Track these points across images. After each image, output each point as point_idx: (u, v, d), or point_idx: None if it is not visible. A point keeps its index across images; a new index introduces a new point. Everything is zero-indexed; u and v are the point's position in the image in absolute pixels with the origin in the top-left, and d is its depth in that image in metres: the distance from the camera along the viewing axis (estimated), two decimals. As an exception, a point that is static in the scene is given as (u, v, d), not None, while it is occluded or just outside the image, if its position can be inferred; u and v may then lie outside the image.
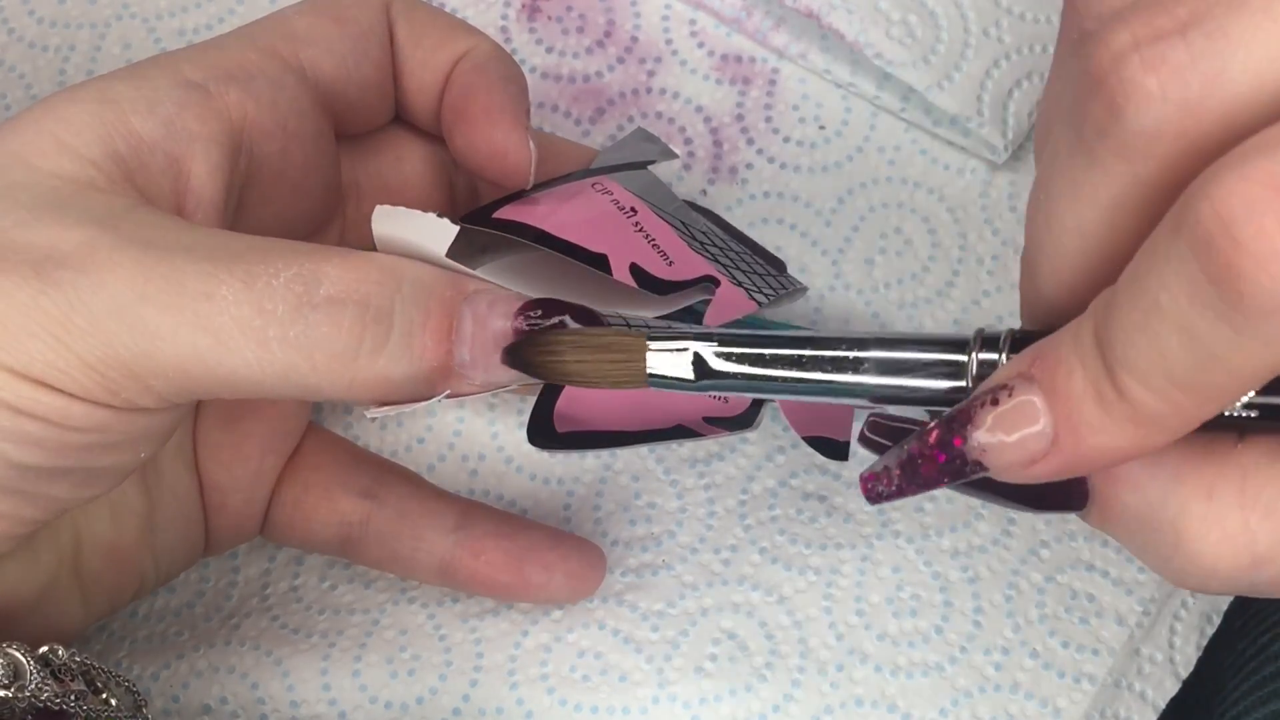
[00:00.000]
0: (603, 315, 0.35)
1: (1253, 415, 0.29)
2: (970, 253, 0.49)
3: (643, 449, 0.47)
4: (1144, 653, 0.45)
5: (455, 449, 0.48)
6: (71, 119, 0.35)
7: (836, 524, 0.46)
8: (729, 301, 0.39)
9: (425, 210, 0.36)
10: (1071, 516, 0.46)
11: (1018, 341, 0.30)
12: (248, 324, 0.32)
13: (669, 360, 0.34)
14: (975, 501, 0.46)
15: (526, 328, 0.34)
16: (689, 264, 0.39)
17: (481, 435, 0.48)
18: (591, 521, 0.47)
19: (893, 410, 0.33)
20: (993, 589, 0.45)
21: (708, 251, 0.41)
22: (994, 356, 0.30)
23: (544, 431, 0.43)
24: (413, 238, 0.35)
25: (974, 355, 0.31)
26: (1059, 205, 0.28)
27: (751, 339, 0.33)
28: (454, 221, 0.37)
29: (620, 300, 0.39)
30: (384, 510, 0.43)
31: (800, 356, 0.32)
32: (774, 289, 0.41)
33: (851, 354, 0.32)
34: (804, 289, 0.43)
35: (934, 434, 0.30)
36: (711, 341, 0.33)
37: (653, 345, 0.34)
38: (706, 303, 0.39)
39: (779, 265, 0.43)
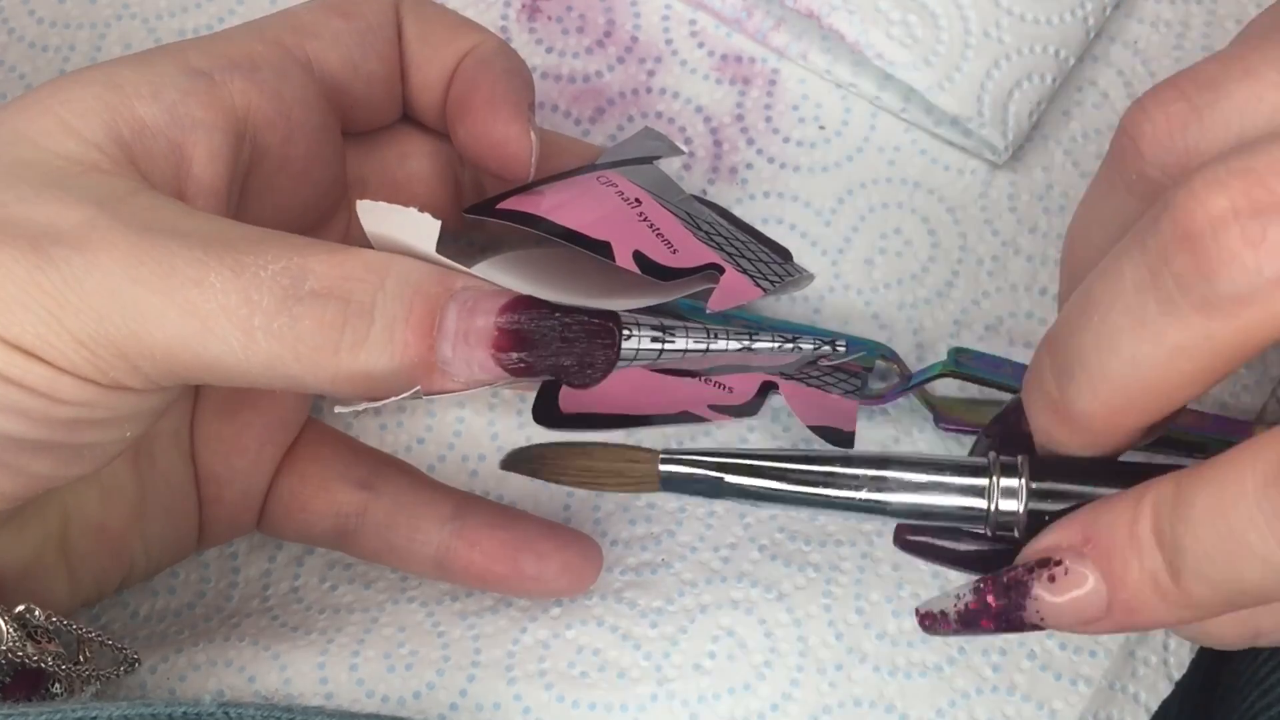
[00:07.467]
0: (594, 311, 0.35)
1: None
2: (970, 253, 0.49)
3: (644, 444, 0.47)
4: (1139, 655, 0.45)
5: (455, 449, 0.48)
6: (76, 101, 0.36)
7: (836, 520, 0.46)
8: (734, 288, 0.39)
9: (422, 208, 0.36)
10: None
11: (1035, 470, 0.33)
12: (234, 313, 0.33)
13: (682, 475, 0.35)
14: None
15: (510, 327, 0.34)
16: (693, 252, 0.39)
17: (481, 435, 0.48)
18: (591, 521, 0.47)
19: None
20: (992, 589, 0.45)
21: (713, 241, 0.41)
22: (1014, 483, 0.33)
23: (549, 411, 0.43)
24: (400, 234, 0.35)
25: (995, 480, 0.33)
26: (1118, 334, 0.30)
27: (766, 470, 0.34)
28: (435, 217, 0.36)
29: (623, 287, 0.39)
30: (380, 501, 0.43)
31: (817, 474, 0.34)
32: (780, 276, 0.41)
33: (871, 472, 0.34)
34: (811, 276, 0.43)
35: (991, 596, 0.32)
36: (724, 471, 0.35)
37: (663, 469, 0.35)
38: (710, 290, 0.39)
39: (785, 254, 0.44)
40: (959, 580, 0.34)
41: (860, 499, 0.34)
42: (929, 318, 0.49)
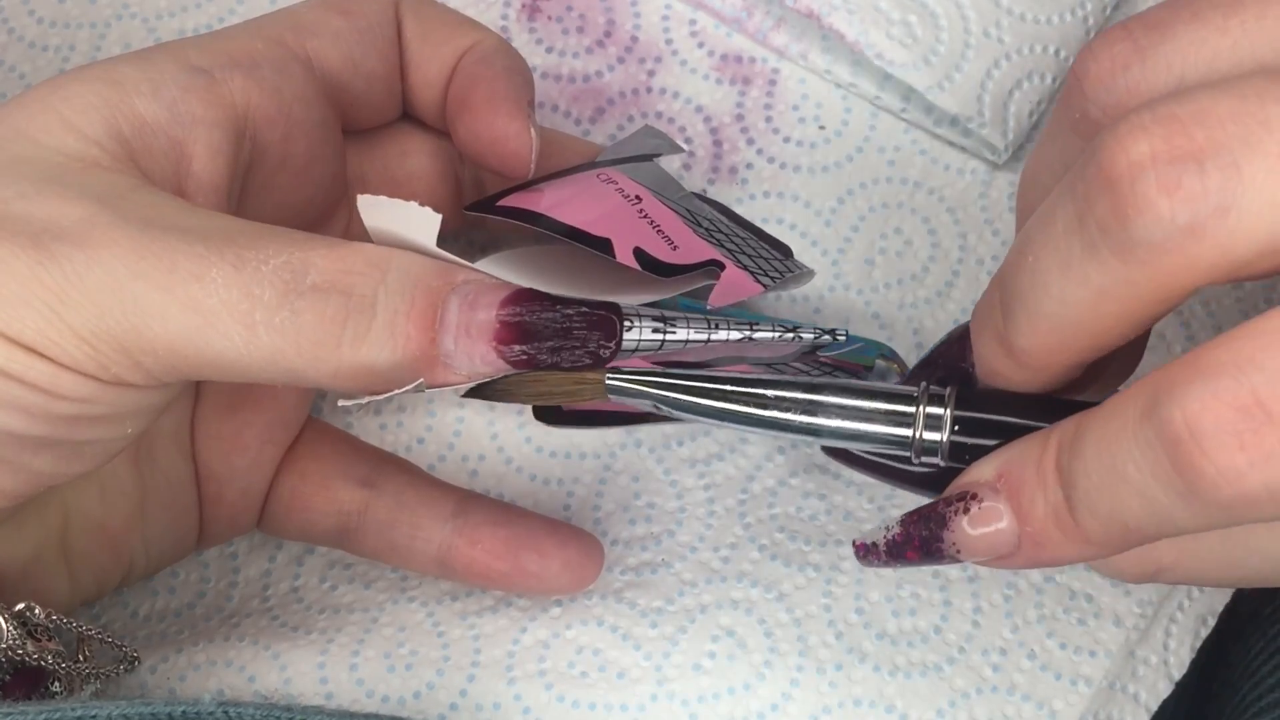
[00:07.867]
0: (595, 303, 0.35)
1: None
2: (970, 253, 0.49)
3: (643, 449, 0.47)
4: (1139, 655, 0.45)
5: (455, 449, 0.48)
6: (76, 98, 0.36)
7: (836, 521, 0.46)
8: (734, 284, 0.39)
9: (422, 203, 0.36)
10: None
11: (962, 402, 0.34)
12: (235, 307, 0.33)
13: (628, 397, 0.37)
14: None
15: (511, 320, 0.34)
16: (694, 249, 0.39)
17: (481, 435, 0.48)
18: (591, 521, 0.47)
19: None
20: (991, 588, 0.45)
21: (713, 237, 0.41)
22: (939, 412, 0.34)
23: (551, 409, 0.43)
24: (401, 229, 0.35)
25: (921, 408, 0.34)
26: (1049, 274, 0.30)
27: (705, 390, 0.36)
28: (436, 211, 0.37)
29: (624, 284, 0.39)
30: (382, 499, 0.43)
31: (752, 396, 0.35)
32: (780, 272, 0.41)
33: (804, 396, 0.35)
34: (811, 272, 0.43)
35: (913, 527, 0.34)
36: (666, 390, 0.36)
37: (609, 382, 0.36)
38: (711, 286, 0.39)
39: (785, 250, 0.44)
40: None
41: (793, 420, 0.35)
42: (929, 318, 0.49)
